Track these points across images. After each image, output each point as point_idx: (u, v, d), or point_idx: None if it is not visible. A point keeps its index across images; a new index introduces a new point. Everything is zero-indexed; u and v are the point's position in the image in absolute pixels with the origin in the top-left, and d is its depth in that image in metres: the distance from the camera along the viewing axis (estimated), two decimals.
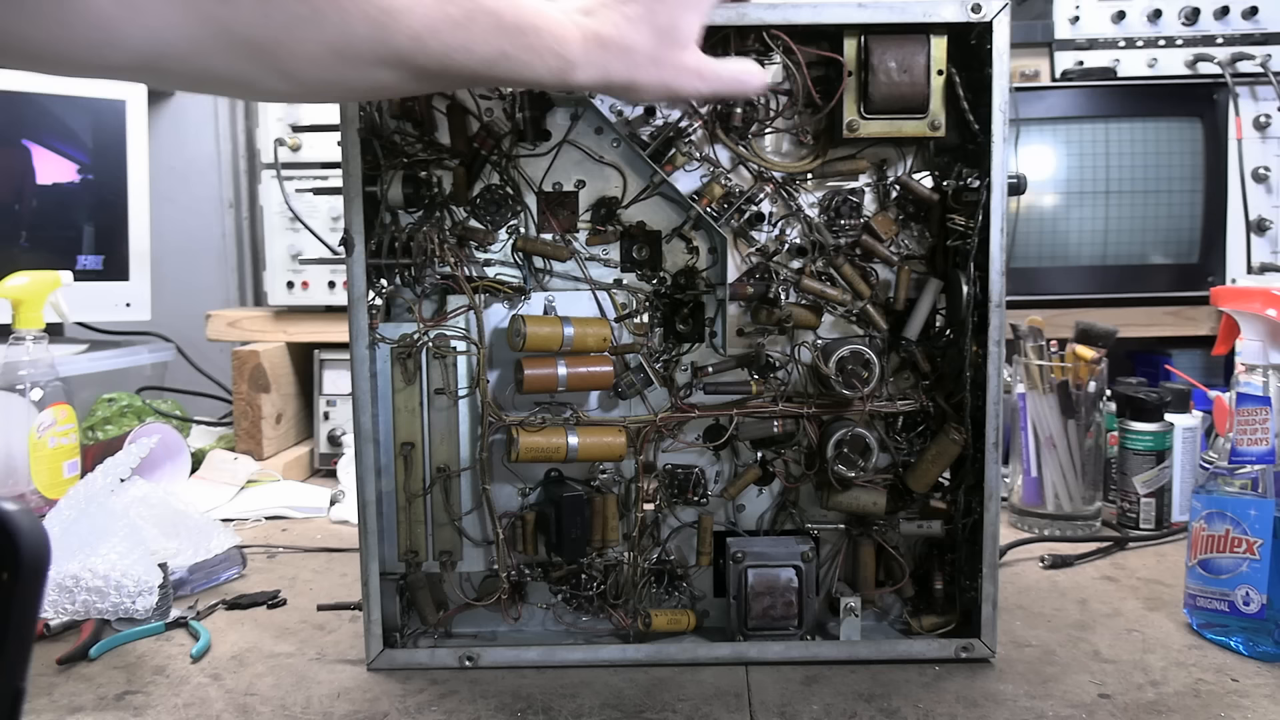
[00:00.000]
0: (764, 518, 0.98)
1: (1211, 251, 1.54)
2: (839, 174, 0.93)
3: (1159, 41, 1.61)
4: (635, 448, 0.94)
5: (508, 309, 0.94)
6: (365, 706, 0.84)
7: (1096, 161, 1.54)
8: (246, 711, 0.83)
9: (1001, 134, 0.87)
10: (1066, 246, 1.55)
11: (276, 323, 1.63)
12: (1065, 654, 0.93)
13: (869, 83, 0.88)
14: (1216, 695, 0.84)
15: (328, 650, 0.95)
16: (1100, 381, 1.25)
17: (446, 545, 0.95)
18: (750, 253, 0.93)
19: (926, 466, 0.93)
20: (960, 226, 0.90)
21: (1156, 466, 1.26)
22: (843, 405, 0.93)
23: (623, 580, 0.96)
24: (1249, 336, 0.99)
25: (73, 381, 1.39)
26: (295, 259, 1.60)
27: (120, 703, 0.84)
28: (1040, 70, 1.64)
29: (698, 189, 0.91)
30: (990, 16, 0.85)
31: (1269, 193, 1.54)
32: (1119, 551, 1.21)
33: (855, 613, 0.93)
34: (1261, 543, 0.91)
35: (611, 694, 0.86)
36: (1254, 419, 0.92)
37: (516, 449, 0.90)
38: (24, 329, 1.32)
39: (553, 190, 0.94)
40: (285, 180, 1.57)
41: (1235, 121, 1.53)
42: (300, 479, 1.57)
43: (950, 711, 0.82)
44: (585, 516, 0.92)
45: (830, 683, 0.88)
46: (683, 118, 0.90)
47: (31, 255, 1.59)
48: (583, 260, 0.94)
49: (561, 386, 0.90)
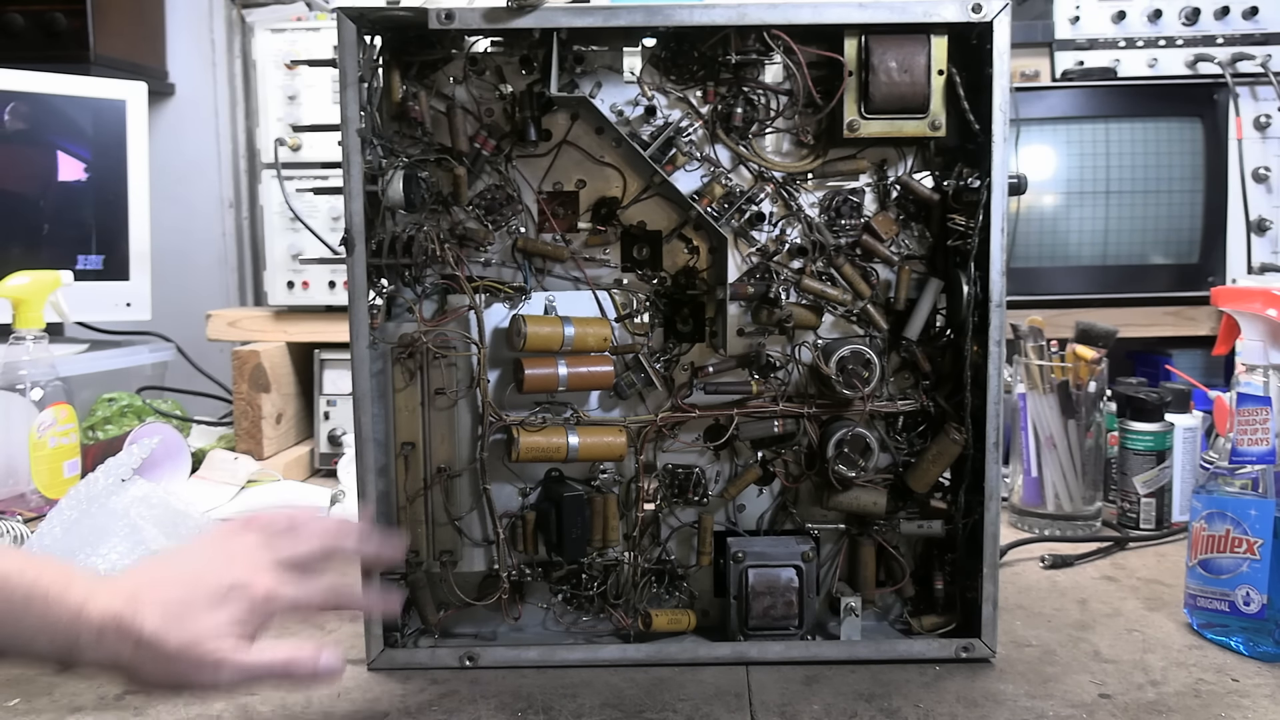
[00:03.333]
0: (764, 518, 0.98)
1: (1212, 251, 1.54)
2: (839, 174, 0.93)
3: (1159, 41, 1.61)
4: (635, 448, 0.94)
5: (508, 309, 0.94)
6: (365, 706, 0.84)
7: (1097, 161, 1.54)
8: (247, 711, 0.83)
9: (1002, 134, 0.87)
10: (1067, 246, 1.55)
11: (277, 323, 1.63)
12: (1065, 654, 0.93)
13: (869, 83, 0.88)
14: (1217, 695, 0.84)
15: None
16: (1100, 381, 1.25)
17: (446, 545, 0.95)
18: (750, 253, 0.93)
19: (927, 466, 0.93)
20: (960, 226, 0.90)
21: (1157, 466, 1.26)
22: (843, 405, 0.93)
23: (623, 580, 0.96)
24: (1249, 336, 0.99)
25: (73, 381, 1.39)
26: (295, 259, 1.60)
27: (120, 703, 0.84)
28: (1040, 70, 1.64)
29: (698, 189, 0.91)
30: (990, 16, 0.85)
31: (1269, 193, 1.54)
32: (1119, 551, 1.21)
33: (855, 613, 0.93)
34: (1262, 543, 0.90)
35: (612, 694, 0.86)
36: (1254, 419, 0.92)
37: (517, 449, 0.90)
38: (24, 329, 1.32)
39: (553, 190, 0.94)
40: (285, 180, 1.57)
41: (1235, 121, 1.53)
42: (300, 479, 1.57)
43: (950, 711, 0.82)
44: (585, 516, 0.92)
45: (830, 683, 0.88)
46: (683, 117, 0.90)
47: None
48: (582, 260, 0.94)
49: (562, 386, 0.90)
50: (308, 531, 0.77)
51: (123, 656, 0.66)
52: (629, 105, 0.90)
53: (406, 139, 0.92)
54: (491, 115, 0.92)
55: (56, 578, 0.66)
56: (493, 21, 0.85)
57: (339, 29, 0.85)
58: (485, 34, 0.89)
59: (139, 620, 0.66)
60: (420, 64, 0.91)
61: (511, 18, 0.85)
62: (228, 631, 0.68)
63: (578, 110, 0.93)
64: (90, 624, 0.65)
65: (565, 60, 0.89)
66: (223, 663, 0.68)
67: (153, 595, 0.68)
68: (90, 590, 0.67)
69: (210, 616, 0.68)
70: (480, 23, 0.86)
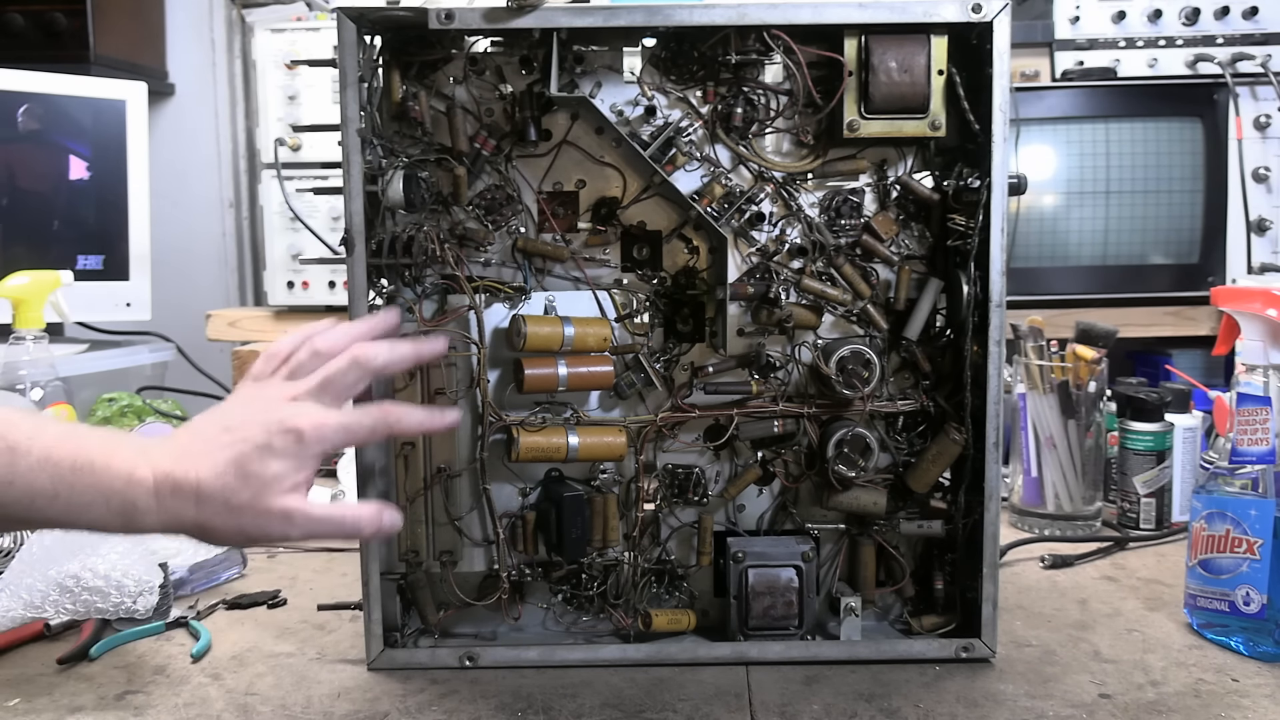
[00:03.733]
0: (764, 518, 0.98)
1: (1212, 251, 1.54)
2: (839, 174, 0.93)
3: (1159, 41, 1.61)
4: (635, 448, 0.94)
5: (508, 309, 0.94)
6: (365, 706, 0.84)
7: (1097, 161, 1.54)
8: (247, 711, 0.83)
9: (1002, 134, 0.87)
10: (1067, 246, 1.55)
11: (276, 322, 1.63)
12: (1065, 654, 0.93)
13: (869, 83, 0.88)
14: (1217, 695, 0.84)
15: (328, 650, 0.95)
16: (1100, 381, 1.25)
17: (446, 545, 0.95)
18: (750, 253, 0.93)
19: (927, 466, 0.93)
20: (960, 226, 0.90)
21: (1157, 466, 1.26)
22: (843, 405, 0.93)
23: (623, 580, 0.96)
24: (1249, 336, 0.99)
25: (73, 381, 1.39)
26: (295, 259, 1.60)
27: (120, 702, 0.84)
28: (1040, 70, 1.64)
29: (698, 189, 0.91)
30: (990, 16, 0.85)
31: (1269, 193, 1.54)
32: (1119, 551, 1.21)
33: (855, 613, 0.93)
34: (1262, 543, 0.90)
35: (612, 694, 0.86)
36: (1254, 419, 0.92)
37: (517, 449, 0.90)
38: (24, 329, 1.33)
39: (553, 190, 0.94)
40: (285, 180, 1.57)
41: (1235, 121, 1.53)
42: None
43: (950, 711, 0.82)
44: (585, 516, 0.92)
45: (830, 683, 0.87)
46: (683, 117, 0.90)
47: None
48: (582, 260, 0.94)
49: (562, 386, 0.90)
50: (331, 349, 0.73)
51: (185, 515, 0.65)
52: (629, 105, 0.90)
53: (406, 139, 0.92)
54: (491, 115, 0.92)
55: (101, 445, 0.65)
56: (493, 21, 0.85)
57: (339, 29, 0.85)
58: (485, 34, 0.89)
59: (194, 476, 0.65)
60: (420, 64, 0.91)
61: (511, 18, 0.85)
62: (288, 478, 0.66)
63: (578, 110, 0.93)
64: (144, 486, 0.64)
65: (565, 60, 0.89)
66: (291, 513, 0.66)
67: (202, 449, 0.66)
68: (138, 451, 0.65)
69: (265, 465, 0.66)
70: (480, 23, 0.86)
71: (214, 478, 0.65)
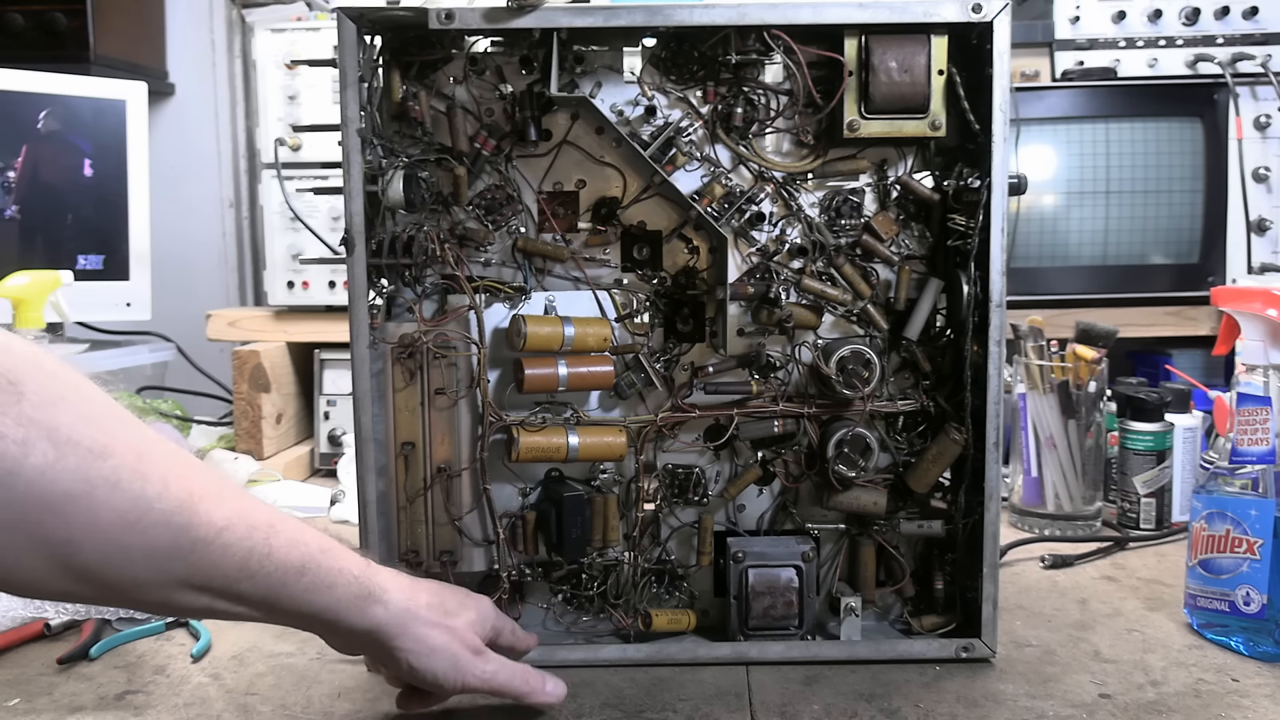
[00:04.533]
0: (764, 518, 0.98)
1: (1212, 251, 1.54)
2: (839, 174, 0.93)
3: (1159, 41, 1.61)
4: (635, 448, 0.94)
5: (508, 309, 0.94)
6: (365, 706, 0.84)
7: (1097, 161, 1.54)
8: (247, 711, 0.83)
9: (1002, 134, 0.87)
10: (1067, 246, 1.55)
11: (277, 322, 1.63)
12: (1065, 654, 0.93)
13: (869, 83, 0.88)
14: (1217, 695, 0.84)
15: (328, 650, 0.94)
16: (1100, 381, 1.25)
17: (446, 545, 0.95)
18: (750, 253, 0.93)
19: (927, 466, 0.93)
20: (961, 226, 0.90)
21: (1157, 466, 1.26)
22: (843, 405, 0.93)
23: (623, 580, 0.96)
24: (1249, 336, 0.99)
25: None
26: (295, 259, 1.60)
27: (121, 702, 0.84)
28: (1040, 70, 1.64)
29: (698, 189, 0.91)
30: (991, 16, 0.85)
31: (1269, 193, 1.54)
32: (1119, 551, 1.21)
33: (855, 613, 0.93)
34: (1262, 543, 0.91)
35: (612, 694, 0.86)
36: (1254, 419, 0.92)
37: (517, 449, 0.90)
38: (24, 329, 1.33)
39: (553, 190, 0.94)
40: (285, 180, 1.57)
41: (1235, 121, 1.53)
42: (300, 479, 1.57)
43: (950, 711, 0.82)
44: (585, 516, 0.92)
45: (830, 683, 0.88)
46: (683, 117, 0.90)
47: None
48: (582, 260, 0.94)
49: (562, 386, 0.90)
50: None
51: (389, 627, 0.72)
52: (629, 105, 0.90)
53: (406, 139, 0.92)
54: (491, 115, 0.92)
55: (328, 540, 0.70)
56: (493, 21, 0.85)
57: (339, 29, 0.85)
58: (485, 34, 0.89)
59: (414, 606, 0.73)
60: (420, 64, 0.91)
61: (511, 18, 0.85)
62: (477, 638, 0.77)
63: (578, 110, 0.93)
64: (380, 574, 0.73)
65: (565, 60, 0.89)
66: (472, 668, 0.75)
67: (419, 589, 0.75)
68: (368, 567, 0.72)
69: (461, 617, 0.76)
70: (480, 23, 0.86)
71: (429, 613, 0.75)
